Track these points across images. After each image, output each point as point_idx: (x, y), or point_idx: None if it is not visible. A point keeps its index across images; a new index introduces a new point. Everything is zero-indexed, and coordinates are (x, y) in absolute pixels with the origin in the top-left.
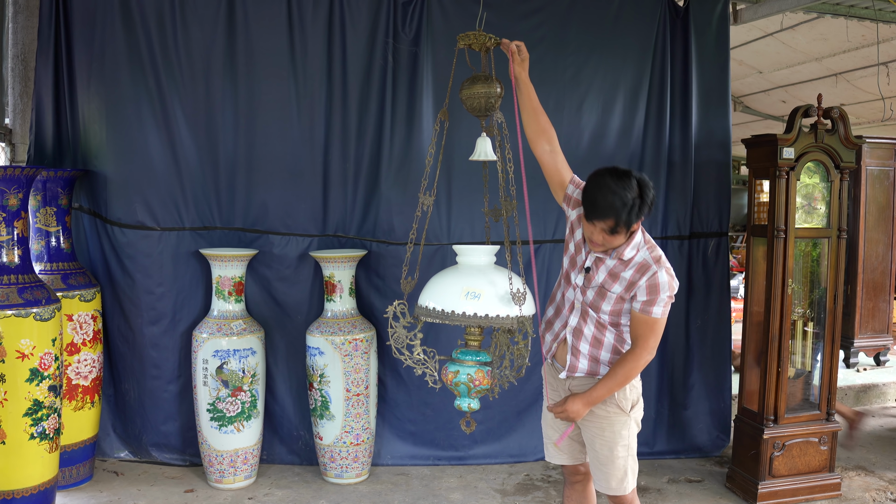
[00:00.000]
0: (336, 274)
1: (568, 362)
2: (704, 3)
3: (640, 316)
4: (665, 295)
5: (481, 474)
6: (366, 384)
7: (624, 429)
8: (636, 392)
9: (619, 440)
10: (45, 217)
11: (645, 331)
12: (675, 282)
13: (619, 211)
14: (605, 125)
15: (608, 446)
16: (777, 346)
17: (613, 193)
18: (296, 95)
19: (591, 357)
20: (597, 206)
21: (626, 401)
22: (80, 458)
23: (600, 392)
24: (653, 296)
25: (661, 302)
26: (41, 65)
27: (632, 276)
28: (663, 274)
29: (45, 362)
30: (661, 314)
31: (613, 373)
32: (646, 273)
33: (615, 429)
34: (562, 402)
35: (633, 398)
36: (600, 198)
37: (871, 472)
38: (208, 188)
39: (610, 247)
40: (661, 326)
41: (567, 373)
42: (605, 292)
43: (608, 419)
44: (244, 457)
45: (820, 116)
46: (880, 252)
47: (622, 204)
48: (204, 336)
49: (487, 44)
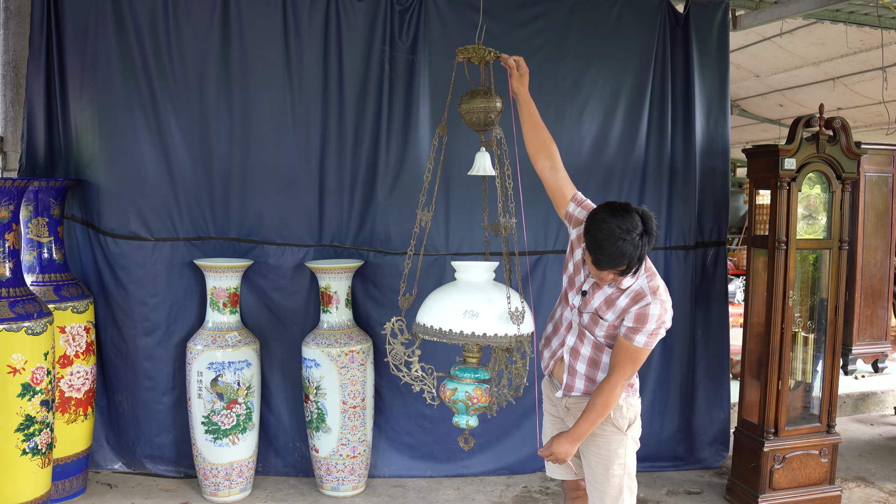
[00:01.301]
0: (332, 284)
1: (564, 381)
2: (705, 11)
3: (622, 341)
4: (651, 326)
5: (479, 486)
6: (362, 396)
7: (620, 447)
8: (633, 411)
9: (614, 458)
10: (37, 228)
11: (623, 358)
12: (667, 315)
13: (630, 256)
14: (607, 134)
15: (604, 465)
16: (778, 358)
17: (621, 240)
18: (291, 104)
19: (588, 377)
20: (607, 255)
21: (623, 419)
22: (74, 470)
23: (584, 427)
24: (639, 324)
25: (646, 332)
26: (33, 72)
27: (626, 303)
28: (656, 306)
29: (36, 377)
30: (644, 345)
31: (592, 405)
32: (639, 302)
33: (611, 447)
34: (548, 446)
35: (629, 416)
36: (608, 246)
37: (870, 484)
38: (202, 198)
39: (617, 284)
40: (642, 357)
41: (563, 392)
42: (597, 319)
43: (604, 437)
44: (239, 469)
45: (822, 126)
46: (878, 258)
47: (633, 248)
48: (198, 348)
49: (487, 57)
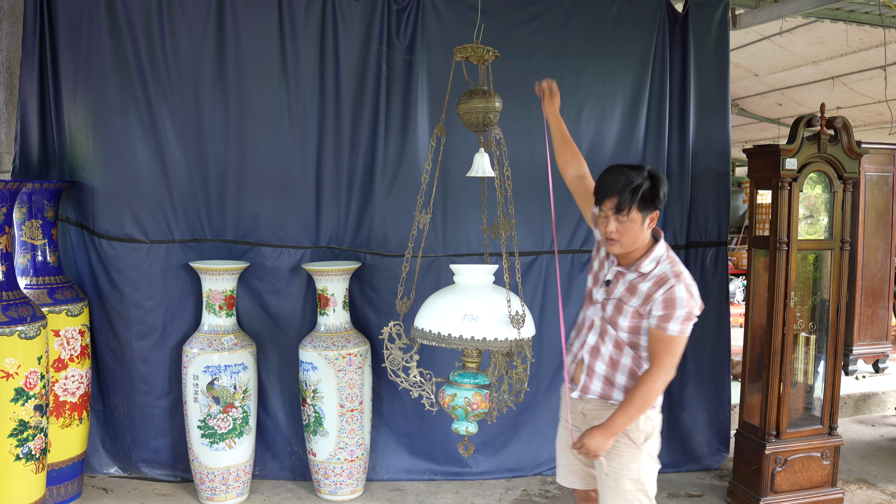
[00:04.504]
0: (329, 287)
1: (581, 381)
2: (704, 9)
3: (655, 332)
4: (682, 311)
5: (478, 489)
6: (360, 399)
7: (633, 462)
8: (651, 424)
9: (624, 472)
10: (31, 230)
11: (660, 348)
12: (695, 300)
13: (622, 188)
14: (605, 133)
15: (613, 477)
16: (779, 360)
17: (620, 173)
18: (287, 104)
19: (606, 379)
20: (602, 186)
21: (639, 432)
22: (69, 475)
23: (620, 420)
24: (668, 311)
25: (678, 319)
26: (26, 73)
27: (649, 288)
28: (681, 289)
29: (30, 381)
30: (679, 332)
31: (630, 398)
32: (663, 286)
33: (622, 460)
34: (581, 438)
35: (646, 430)
36: (606, 178)
37: (872, 486)
38: (198, 199)
39: (625, 240)
40: (680, 346)
41: (580, 392)
42: (622, 305)
43: (616, 449)
44: (236, 474)
45: (823, 126)
46: (879, 258)
47: (627, 181)
48: (194, 351)
49: (485, 56)
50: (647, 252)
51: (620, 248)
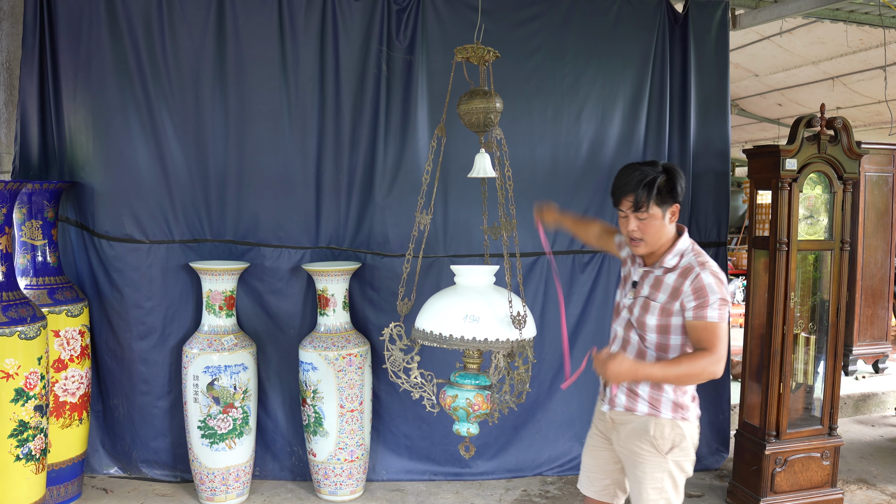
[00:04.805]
0: (329, 287)
1: (608, 393)
2: (704, 10)
3: (695, 324)
4: (715, 297)
5: (478, 490)
6: (360, 400)
7: (658, 471)
8: (679, 433)
9: (647, 481)
10: (31, 230)
11: (707, 335)
12: (724, 286)
13: (636, 184)
14: (605, 134)
15: (638, 484)
16: (779, 360)
17: (633, 171)
18: (287, 105)
19: (629, 390)
20: (618, 186)
21: (664, 440)
22: (69, 476)
23: (651, 371)
24: (701, 299)
25: (714, 305)
26: (26, 73)
27: (675, 281)
28: (707, 275)
29: (30, 382)
30: (719, 318)
31: (677, 361)
32: (688, 276)
33: (646, 468)
34: (609, 355)
35: (673, 438)
36: (620, 178)
37: (872, 486)
38: (198, 200)
39: (648, 238)
40: (723, 332)
41: (608, 405)
42: (649, 303)
43: (641, 456)
44: (236, 474)
45: (823, 126)
46: (879, 258)
47: (641, 177)
48: (194, 352)
49: (486, 57)
50: (671, 247)
51: (645, 247)
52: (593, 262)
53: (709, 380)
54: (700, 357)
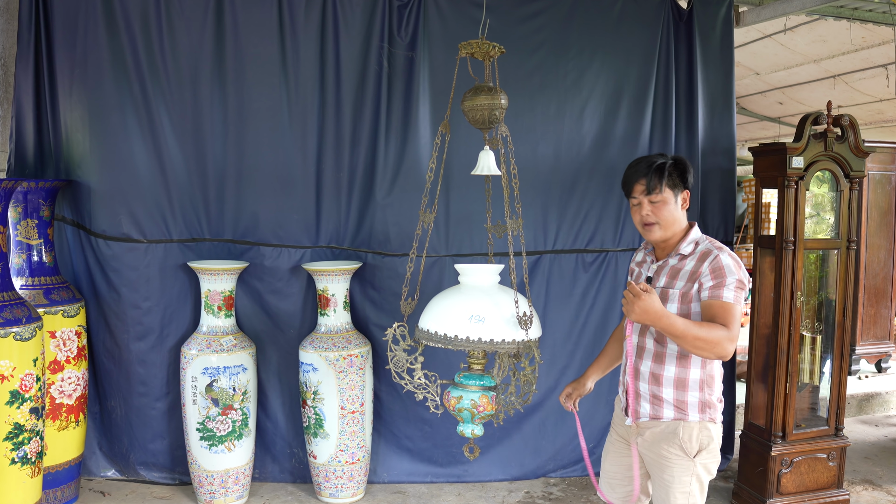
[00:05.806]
0: (330, 287)
1: (631, 408)
2: (708, 7)
3: (711, 302)
4: (732, 278)
5: (480, 492)
6: (361, 401)
7: (685, 474)
8: (707, 435)
9: (675, 485)
10: (27, 230)
11: (722, 314)
12: (742, 271)
13: (646, 169)
14: (609, 132)
15: (665, 488)
16: (786, 360)
17: (642, 159)
18: (287, 102)
19: (653, 396)
20: (628, 175)
21: (692, 443)
22: (65, 478)
23: (675, 322)
24: (719, 279)
25: (731, 286)
26: (21, 70)
27: (693, 265)
28: (726, 256)
29: (25, 384)
30: (734, 300)
31: (698, 324)
32: (707, 258)
33: (674, 472)
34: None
35: (701, 440)
36: (630, 168)
37: (878, 487)
38: (196, 199)
39: (662, 221)
40: (737, 314)
41: (632, 419)
42: (667, 292)
43: (668, 460)
44: (235, 477)
45: (830, 124)
46: (882, 258)
47: (650, 162)
48: (193, 353)
49: (491, 52)
50: (685, 236)
51: (660, 230)
52: (597, 262)
53: (718, 358)
54: (718, 328)
